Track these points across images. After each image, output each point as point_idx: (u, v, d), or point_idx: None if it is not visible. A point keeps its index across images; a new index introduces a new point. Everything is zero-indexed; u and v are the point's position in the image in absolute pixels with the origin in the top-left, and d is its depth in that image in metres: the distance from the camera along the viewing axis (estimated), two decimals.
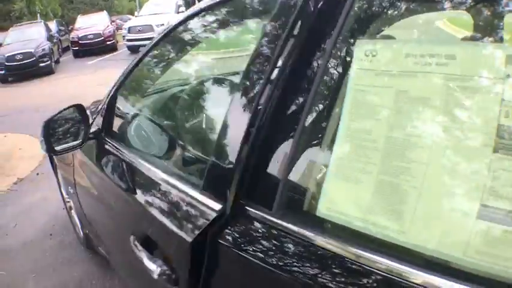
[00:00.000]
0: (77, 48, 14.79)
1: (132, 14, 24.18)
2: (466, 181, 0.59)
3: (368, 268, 0.64)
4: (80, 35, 14.69)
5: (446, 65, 0.63)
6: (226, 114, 0.97)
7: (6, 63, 11.77)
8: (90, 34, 14.54)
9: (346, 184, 0.70)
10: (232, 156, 0.90)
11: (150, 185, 1.23)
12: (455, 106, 0.61)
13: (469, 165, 0.59)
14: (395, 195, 0.64)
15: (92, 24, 15.37)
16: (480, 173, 0.57)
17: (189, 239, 0.91)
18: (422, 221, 0.62)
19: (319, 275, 0.69)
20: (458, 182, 0.60)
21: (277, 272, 0.74)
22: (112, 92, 1.71)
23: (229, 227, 0.87)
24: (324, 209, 0.72)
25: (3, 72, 11.90)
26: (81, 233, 2.50)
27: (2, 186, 4.12)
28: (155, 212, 1.11)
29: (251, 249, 0.81)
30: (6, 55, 11.80)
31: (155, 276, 0.99)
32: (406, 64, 0.67)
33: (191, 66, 1.95)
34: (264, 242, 0.80)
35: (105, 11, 17.79)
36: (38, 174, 4.28)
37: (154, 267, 0.99)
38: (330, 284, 0.67)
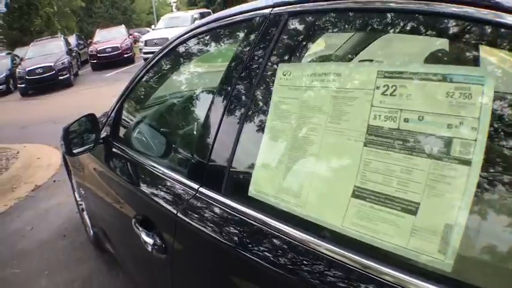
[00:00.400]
0: (95, 61, 15.43)
1: (150, 26, 24.95)
2: (345, 168, 0.82)
3: (277, 234, 0.90)
4: (98, 49, 15.32)
5: (334, 80, 0.88)
6: (201, 126, 1.28)
7: (27, 77, 12.39)
8: (108, 47, 15.16)
9: (266, 171, 0.97)
10: (202, 155, 1.21)
11: (149, 177, 1.52)
12: (340, 111, 0.85)
13: (347, 156, 0.82)
14: (296, 179, 0.90)
15: (110, 37, 16.03)
16: (354, 162, 0.80)
17: (175, 211, 1.19)
18: (313, 198, 0.86)
19: (248, 239, 0.98)
20: (340, 169, 0.84)
21: (220, 238, 1.02)
22: (118, 103, 2.00)
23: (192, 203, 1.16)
24: (252, 190, 0.99)
25: (23, 85, 12.53)
26: (91, 232, 2.78)
27: (21, 193, 4.46)
28: (152, 196, 1.39)
29: (205, 219, 1.10)
30: (27, 69, 12.44)
31: (149, 248, 1.26)
32: (308, 81, 0.93)
33: (185, 80, 2.23)
34: (213, 214, 1.09)
35: (123, 25, 18.48)
36: (54, 181, 4.61)
37: (149, 241, 1.27)
38: (253, 246, 0.95)
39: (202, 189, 1.16)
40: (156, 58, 1.72)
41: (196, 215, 1.13)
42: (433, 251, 0.69)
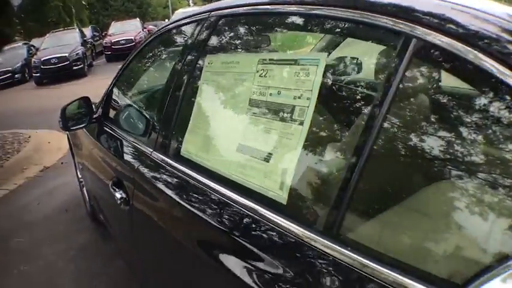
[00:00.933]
0: (109, 52, 15.81)
1: (165, 20, 25.30)
2: (235, 131, 1.11)
3: (196, 183, 1.19)
4: (112, 41, 15.71)
5: (235, 67, 1.16)
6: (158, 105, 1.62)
7: (42, 67, 12.85)
8: (122, 40, 15.54)
9: (191, 136, 1.27)
10: (156, 126, 1.56)
11: (125, 148, 1.81)
12: (236, 89, 1.13)
13: (237, 122, 1.10)
14: (207, 142, 1.20)
15: (124, 30, 16.41)
16: (240, 126, 1.08)
17: (135, 167, 1.50)
18: (215, 154, 1.17)
19: (179, 188, 1.27)
20: (231, 132, 1.13)
21: (160, 186, 1.32)
22: (109, 88, 2.30)
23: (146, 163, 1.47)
24: (183, 151, 1.29)
25: (38, 75, 13.00)
26: (89, 205, 3.04)
27: (30, 173, 4.77)
28: (123, 160, 1.71)
29: (153, 174, 1.41)
30: (42, 59, 12.88)
31: (118, 201, 1.54)
32: (220, 67, 1.22)
33: (167, 68, 2.51)
34: (159, 170, 1.39)
35: (137, 18, 18.86)
36: (62, 163, 4.91)
37: (118, 196, 1.56)
38: (182, 193, 1.24)
39: (154, 152, 1.45)
40: (138, 50, 2.05)
41: (147, 172, 1.43)
42: (276, 188, 0.94)
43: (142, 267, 1.67)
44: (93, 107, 2.31)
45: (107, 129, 2.12)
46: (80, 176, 3.30)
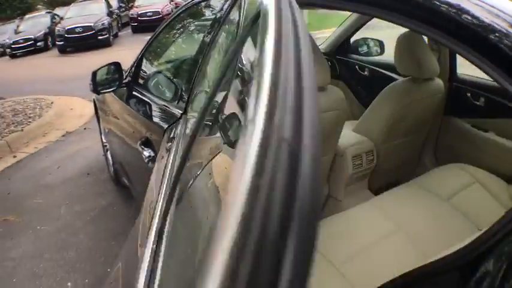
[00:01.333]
0: (135, 24, 15.82)
1: None
2: None
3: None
4: (139, 12, 15.70)
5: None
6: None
7: (66, 35, 13.12)
8: (149, 11, 15.51)
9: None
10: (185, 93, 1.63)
11: (155, 111, 1.88)
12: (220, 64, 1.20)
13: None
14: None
15: (151, 2, 16.34)
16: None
17: (165, 127, 1.55)
18: None
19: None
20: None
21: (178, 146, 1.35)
22: (139, 56, 2.41)
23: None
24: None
25: (62, 43, 13.27)
26: (112, 169, 3.04)
27: (51, 138, 4.83)
28: (154, 122, 1.79)
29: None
30: (67, 28, 13.16)
31: (146, 159, 1.59)
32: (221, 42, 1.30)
33: (194, 40, 2.53)
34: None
35: None
36: (85, 129, 4.98)
37: (146, 154, 1.61)
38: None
39: (184, 116, 1.49)
40: (168, 21, 2.18)
41: (174, 128, 1.47)
42: None
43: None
44: (123, 72, 2.38)
45: (137, 94, 2.20)
46: (104, 141, 3.30)
